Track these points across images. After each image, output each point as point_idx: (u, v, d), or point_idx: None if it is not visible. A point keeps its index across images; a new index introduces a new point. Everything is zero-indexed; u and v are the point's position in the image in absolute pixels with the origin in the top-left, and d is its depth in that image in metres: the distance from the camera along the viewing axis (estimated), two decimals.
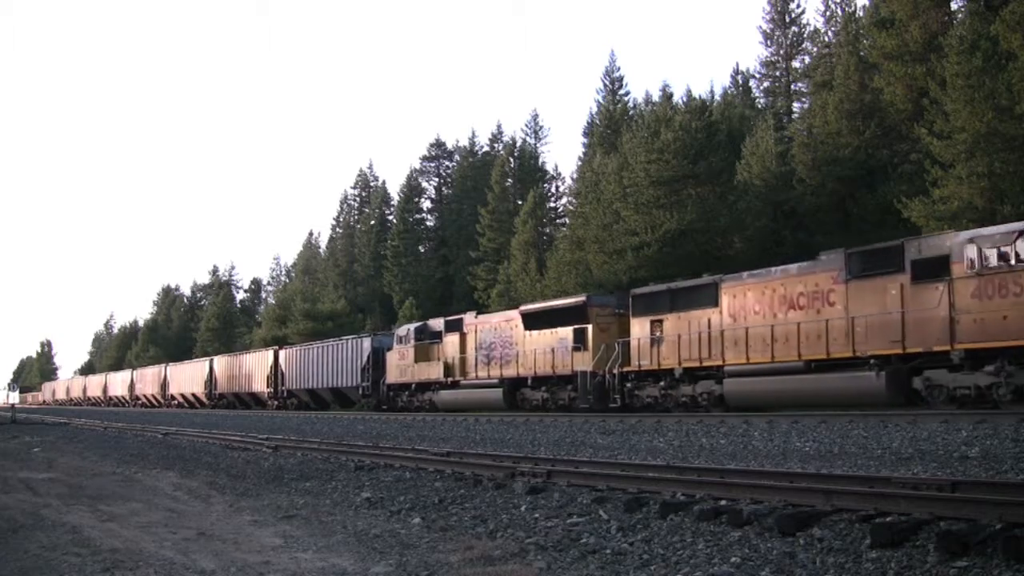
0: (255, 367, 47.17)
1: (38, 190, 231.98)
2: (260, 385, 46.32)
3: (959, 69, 25.29)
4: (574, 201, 46.92)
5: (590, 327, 24.10)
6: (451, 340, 29.76)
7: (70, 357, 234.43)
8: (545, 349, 25.41)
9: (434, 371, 30.25)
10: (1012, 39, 24.75)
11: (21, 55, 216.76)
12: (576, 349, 24.31)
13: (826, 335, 17.88)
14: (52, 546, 6.91)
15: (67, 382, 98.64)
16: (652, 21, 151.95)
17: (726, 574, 5.15)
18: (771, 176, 35.20)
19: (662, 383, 21.81)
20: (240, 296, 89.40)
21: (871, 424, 14.17)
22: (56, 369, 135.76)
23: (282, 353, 44.34)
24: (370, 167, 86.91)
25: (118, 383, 74.40)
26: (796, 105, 42.40)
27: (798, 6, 42.57)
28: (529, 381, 26.15)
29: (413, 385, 31.42)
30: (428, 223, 63.62)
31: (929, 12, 30.80)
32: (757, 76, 46.07)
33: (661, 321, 22.03)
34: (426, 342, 31.06)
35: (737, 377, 19.73)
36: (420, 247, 61.11)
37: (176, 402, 59.59)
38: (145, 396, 66.40)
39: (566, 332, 24.80)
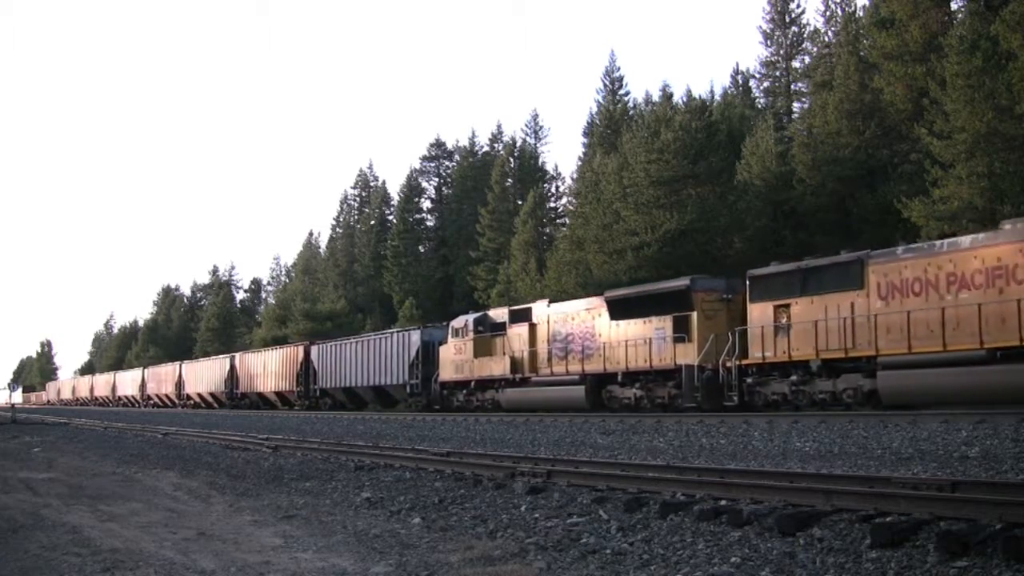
0: (282, 364, 43.67)
1: (38, 190, 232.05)
2: (288, 384, 43.03)
3: (959, 69, 25.29)
4: (574, 201, 46.91)
5: (694, 315, 21.17)
6: (518, 332, 26.69)
7: (70, 357, 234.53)
8: (637, 340, 22.48)
9: (498, 367, 27.08)
10: (1012, 39, 24.75)
11: (21, 55, 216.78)
12: (678, 340, 21.40)
13: (1019, 317, 15.01)
14: (52, 546, 6.91)
15: (72, 381, 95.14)
16: (652, 21, 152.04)
17: (726, 574, 5.15)
18: (771, 176, 35.20)
19: (793, 377, 18.83)
20: (240, 296, 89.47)
21: (871, 424, 14.17)
22: (56, 369, 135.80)
23: (314, 349, 41.00)
24: (370, 167, 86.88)
25: (128, 383, 71.24)
26: (796, 105, 42.40)
27: (798, 6, 42.58)
28: (619, 377, 23.01)
29: (472, 383, 28.26)
30: (428, 223, 63.61)
31: (929, 12, 30.80)
32: (757, 76, 46.09)
33: (787, 306, 19.17)
34: (487, 334, 27.96)
35: (896, 369, 16.89)
36: (420, 247, 61.10)
37: (192, 402, 56.62)
38: (158, 396, 63.29)
39: (664, 321, 21.85)
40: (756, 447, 12.72)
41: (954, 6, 32.12)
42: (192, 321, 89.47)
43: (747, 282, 20.42)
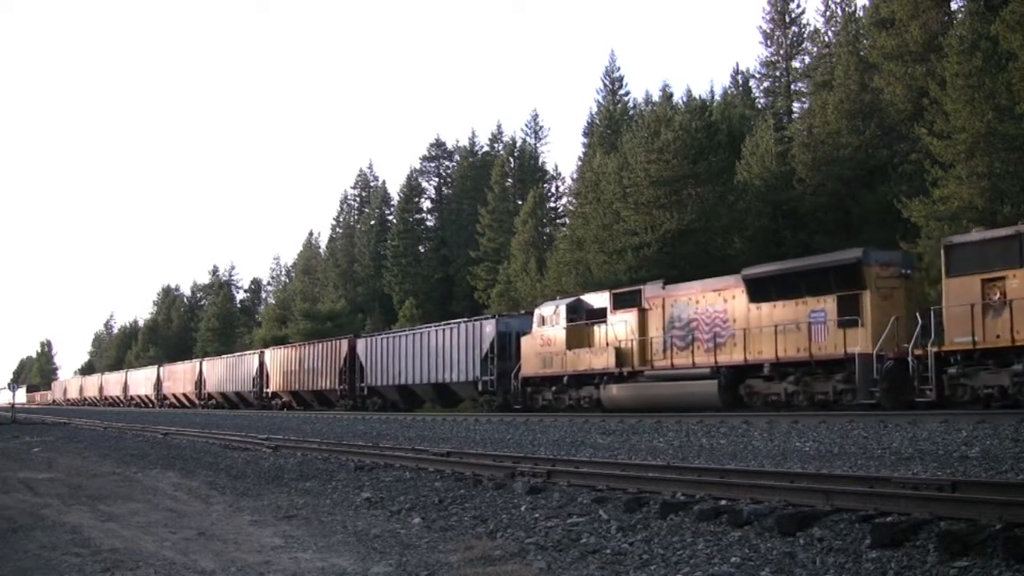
0: (322, 361, 39.73)
1: (38, 190, 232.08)
2: (328, 382, 39.23)
3: (959, 69, 25.28)
4: (574, 201, 46.90)
5: (867, 293, 17.75)
6: (624, 319, 23.19)
7: (70, 357, 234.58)
8: (788, 325, 19.00)
9: (599, 359, 23.49)
10: (1012, 39, 24.75)
11: (21, 55, 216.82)
12: (846, 324, 17.91)
13: None
14: (52, 546, 6.91)
15: (80, 380, 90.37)
16: (652, 21, 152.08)
17: (726, 574, 5.15)
18: (771, 176, 35.21)
19: (1017, 367, 15.12)
20: (240, 296, 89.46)
21: (871, 424, 14.17)
22: (56, 369, 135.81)
23: (360, 343, 37.24)
24: (370, 167, 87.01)
25: (141, 381, 67.30)
26: (796, 105, 42.38)
27: (798, 6, 42.54)
28: (766, 369, 19.39)
29: (565, 378, 24.57)
30: (428, 223, 63.60)
31: (929, 12, 30.80)
32: (757, 76, 46.07)
33: (1001, 279, 15.63)
34: (583, 322, 24.58)
35: None
36: (420, 247, 61.09)
37: (214, 403, 53.08)
38: (175, 396, 59.52)
39: (823, 301, 18.46)
40: (756, 447, 12.72)
41: (954, 6, 32.15)
42: (192, 321, 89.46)
43: (943, 252, 16.84)
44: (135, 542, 7.01)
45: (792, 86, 42.84)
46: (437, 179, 64.54)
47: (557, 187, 54.32)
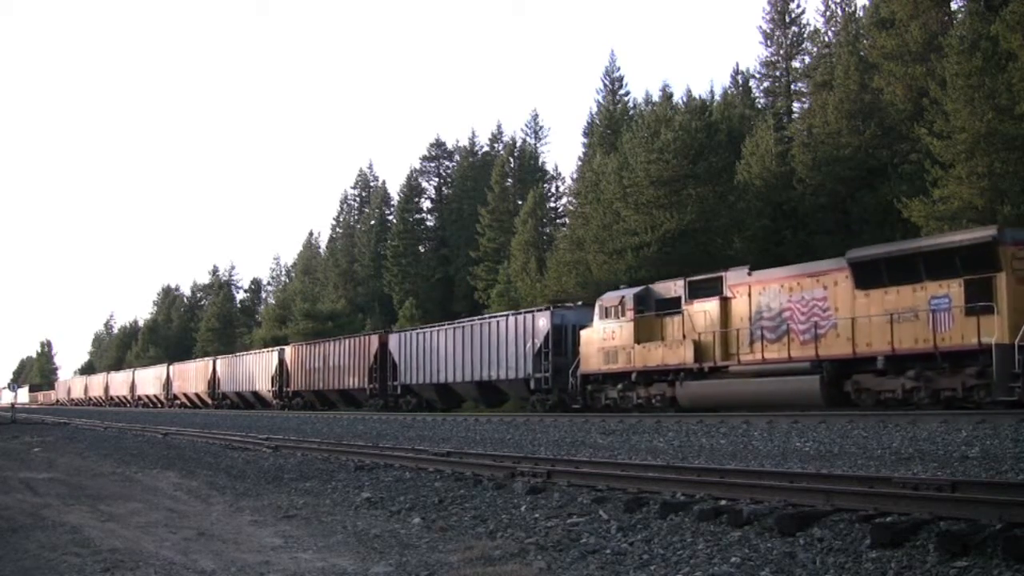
0: (349, 358, 37.65)
1: (38, 190, 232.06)
2: (355, 380, 37.22)
3: (959, 69, 25.29)
4: (574, 201, 46.89)
5: (1001, 276, 15.84)
6: (702, 309, 21.17)
7: (70, 357, 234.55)
8: (904, 314, 17.05)
9: (674, 354, 21.47)
10: (1012, 39, 24.76)
11: (21, 55, 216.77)
12: (976, 311, 15.88)
13: None
14: (52, 546, 6.91)
15: (84, 379, 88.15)
16: (652, 21, 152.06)
17: (726, 574, 5.15)
18: (771, 176, 35.21)
19: None
20: (240, 296, 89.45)
21: (871, 424, 14.17)
22: (56, 369, 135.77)
23: (393, 339, 34.99)
24: (370, 167, 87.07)
25: (150, 381, 65.21)
26: (796, 105, 42.36)
27: (798, 6, 42.49)
28: (879, 362, 17.24)
29: (633, 374, 22.44)
30: (428, 223, 63.59)
31: (929, 12, 30.82)
32: (757, 76, 46.02)
33: None
34: (652, 314, 22.52)
35: None
36: (420, 247, 61.08)
37: (229, 403, 50.79)
38: (186, 396, 57.43)
39: (947, 286, 16.54)
40: (756, 447, 12.72)
41: (954, 6, 32.17)
42: (192, 321, 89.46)
43: None
44: (135, 542, 7.01)
45: (792, 86, 42.83)
46: (437, 179, 64.55)
47: (557, 187, 54.36)
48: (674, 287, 22.38)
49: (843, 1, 39.20)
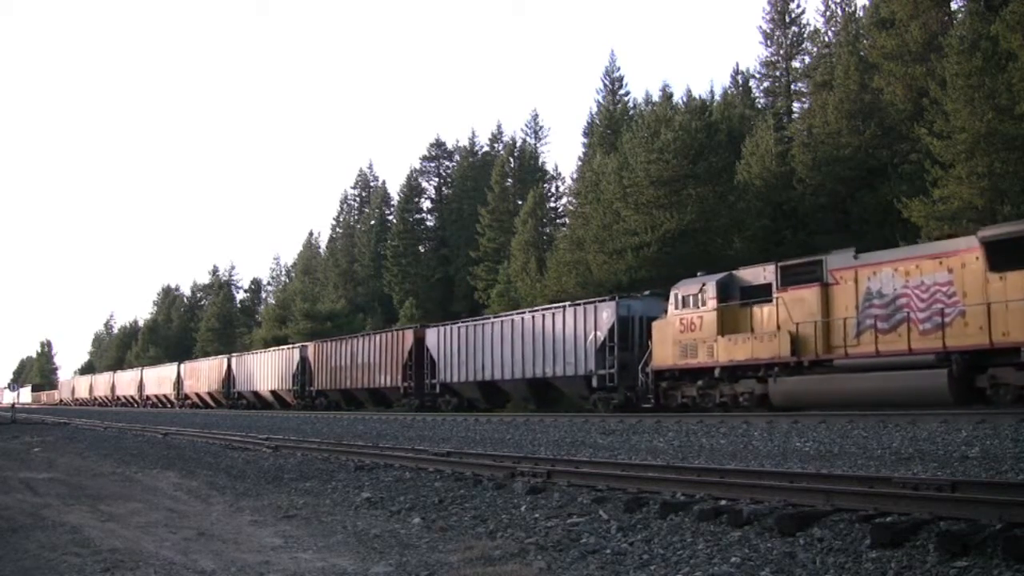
0: (380, 355, 35.16)
1: (38, 190, 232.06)
2: (387, 378, 34.64)
3: (959, 69, 25.29)
4: (574, 201, 46.89)
5: None
6: (799, 296, 19.02)
7: (70, 357, 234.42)
8: None
9: (765, 347, 19.35)
10: (1012, 39, 24.76)
11: (21, 55, 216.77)
12: None
13: None
14: (52, 546, 6.91)
15: (89, 379, 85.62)
16: (652, 21, 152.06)
17: (726, 574, 5.15)
18: (771, 176, 35.21)
19: None
20: (240, 296, 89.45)
21: (871, 424, 14.17)
22: (56, 369, 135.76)
23: (431, 334, 32.46)
24: (370, 167, 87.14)
25: (159, 380, 62.74)
26: (796, 105, 42.37)
27: (798, 6, 42.51)
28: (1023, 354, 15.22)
29: (716, 370, 20.34)
30: (428, 223, 63.59)
31: (929, 12, 30.82)
32: (757, 76, 46.04)
33: None
34: (737, 302, 20.46)
35: None
36: (420, 247, 61.09)
37: (244, 403, 48.29)
38: (198, 395, 55.17)
39: None
40: (756, 447, 12.72)
41: (954, 6, 32.16)
42: (192, 321, 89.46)
43: None
44: (135, 542, 7.01)
45: (792, 86, 42.84)
46: (437, 179, 64.55)
47: (557, 187, 54.34)
48: (763, 273, 20.21)
49: (843, 1, 39.24)
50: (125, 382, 71.02)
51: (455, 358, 30.70)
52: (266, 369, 46.01)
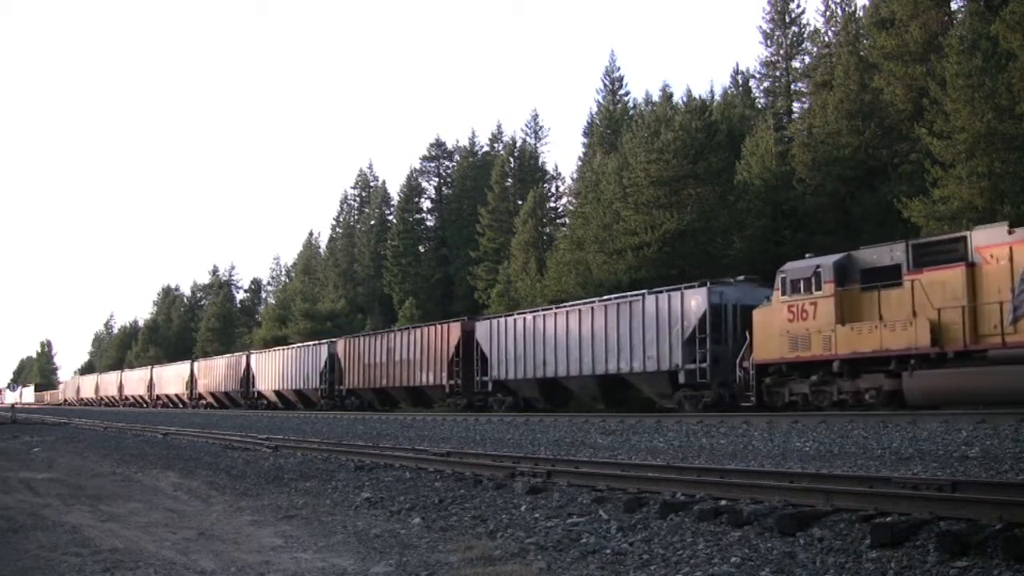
0: (422, 351, 32.42)
1: (38, 190, 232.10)
2: (430, 376, 31.98)
3: (959, 69, 25.30)
4: (574, 201, 46.93)
5: None
6: (937, 279, 16.66)
7: (70, 357, 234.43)
8: None
9: (898, 336, 16.93)
10: (1012, 39, 24.78)
11: (21, 55, 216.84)
12: None
13: None
14: (52, 546, 6.91)
15: (95, 378, 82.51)
16: (652, 21, 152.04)
17: (726, 574, 5.15)
18: (771, 176, 35.22)
19: None
20: (240, 296, 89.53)
21: (871, 424, 14.18)
22: (56, 369, 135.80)
23: (482, 327, 29.81)
24: (370, 167, 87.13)
25: (170, 379, 59.82)
26: (796, 105, 42.38)
27: (798, 6, 42.54)
28: None
29: (835, 364, 17.86)
30: (428, 223, 63.62)
31: (929, 12, 30.82)
32: (757, 76, 46.05)
33: None
34: (858, 286, 18.04)
35: None
36: (420, 247, 61.12)
37: (265, 402, 45.79)
38: (213, 395, 52.49)
39: None
40: (756, 447, 12.72)
41: (954, 6, 32.19)
42: (192, 321, 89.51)
43: None
44: (135, 542, 7.01)
45: (792, 86, 42.85)
46: (437, 179, 64.58)
47: (557, 187, 54.40)
48: (889, 253, 17.81)
49: (843, 1, 39.22)
50: (134, 381, 68.16)
51: (511, 353, 27.97)
52: (289, 367, 43.19)
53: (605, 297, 25.85)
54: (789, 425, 15.14)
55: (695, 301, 21.86)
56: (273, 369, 44.93)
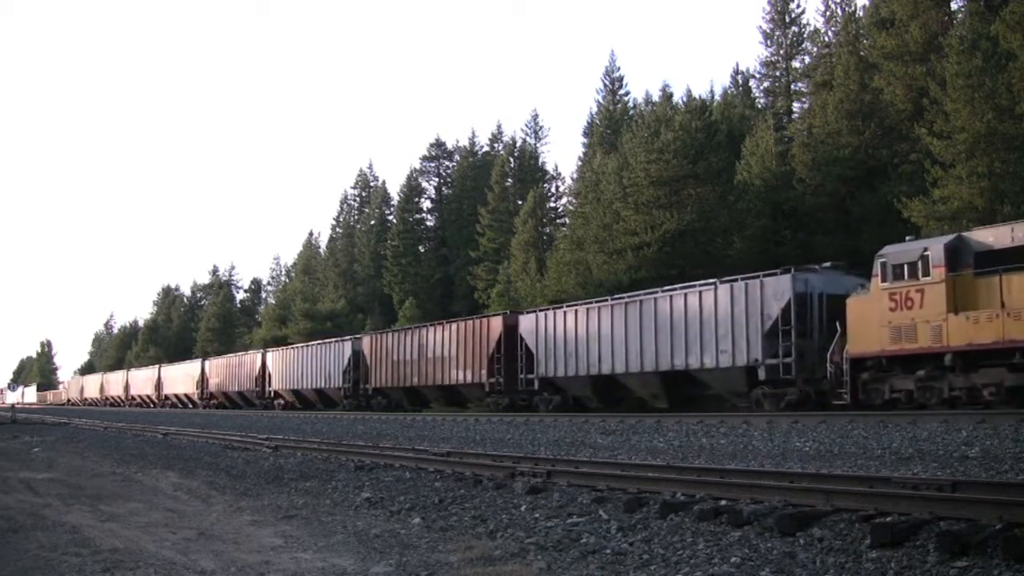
0: (460, 348, 30.31)
1: (38, 190, 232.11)
2: (467, 373, 29.94)
3: (959, 69, 25.31)
4: (574, 201, 46.96)
5: None
6: None
7: (70, 357, 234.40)
8: None
9: None
10: (1012, 39, 24.79)
11: (21, 55, 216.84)
12: None
13: None
14: (52, 546, 6.91)
15: (101, 377, 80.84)
16: (652, 21, 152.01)
17: (726, 574, 5.15)
18: (771, 176, 35.23)
19: None
20: (240, 296, 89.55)
21: (871, 424, 14.18)
22: (56, 369, 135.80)
23: (527, 321, 27.80)
24: (370, 167, 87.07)
25: (179, 379, 58.05)
26: (796, 105, 42.39)
27: (798, 6, 42.55)
28: None
29: (947, 356, 16.13)
30: (428, 223, 63.67)
31: (929, 12, 30.83)
32: (757, 76, 46.07)
33: None
34: (972, 271, 16.24)
35: None
36: (420, 247, 61.16)
37: (282, 402, 43.53)
38: (225, 395, 50.67)
39: None
40: (756, 447, 12.72)
41: (954, 6, 32.21)
42: (192, 321, 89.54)
43: None
44: (135, 542, 7.02)
45: (792, 86, 42.85)
46: (437, 179, 64.61)
47: (557, 187, 54.45)
48: (1011, 233, 16.06)
49: (843, 1, 39.23)
50: (141, 381, 66.40)
51: (560, 349, 25.96)
52: (309, 365, 40.98)
53: (671, 287, 23.77)
54: (789, 425, 15.14)
55: (778, 289, 19.96)
56: (291, 367, 42.96)
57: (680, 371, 22.37)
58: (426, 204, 64.29)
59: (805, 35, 42.35)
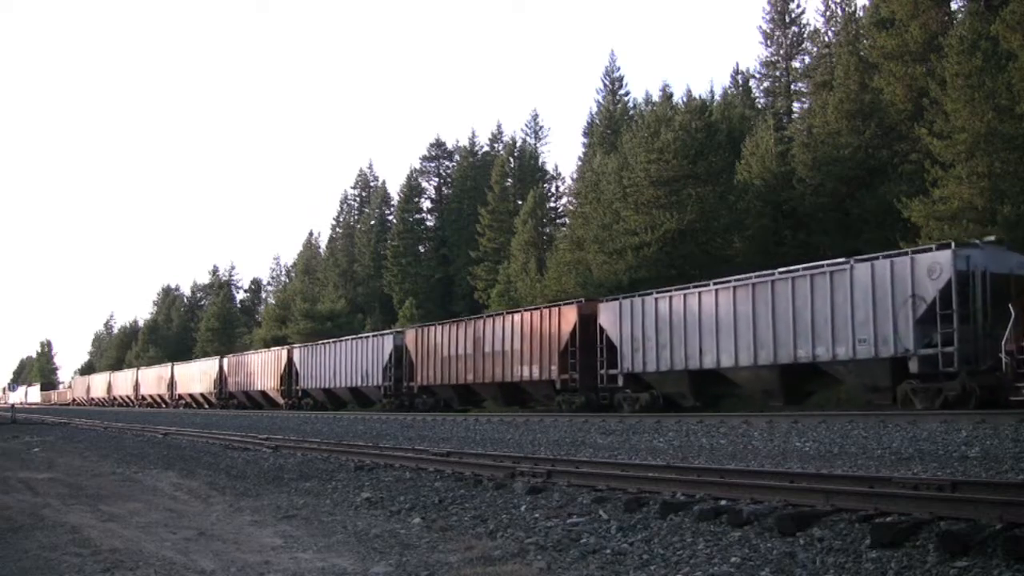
0: (521, 341, 27.21)
1: (38, 190, 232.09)
2: (533, 370, 26.66)
3: (959, 69, 25.31)
4: (574, 201, 46.97)
5: None
6: None
7: (70, 357, 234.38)
8: None
9: None
10: (1012, 39, 24.79)
11: (21, 55, 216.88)
12: None
13: None
14: (52, 546, 6.91)
15: (108, 376, 77.83)
16: (652, 21, 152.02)
17: (726, 574, 5.15)
18: (771, 176, 35.24)
19: None
20: (240, 296, 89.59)
21: (871, 424, 14.18)
22: (56, 369, 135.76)
23: (609, 309, 24.52)
24: (370, 167, 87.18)
25: (193, 378, 55.32)
26: (796, 105, 42.43)
27: (798, 6, 42.60)
28: None
29: None
30: (428, 223, 63.67)
31: (929, 12, 30.84)
32: (757, 76, 46.12)
33: None
34: None
35: None
36: (420, 247, 61.17)
37: (309, 402, 40.70)
38: (246, 394, 47.84)
39: None
40: (756, 447, 12.73)
41: (954, 6, 32.22)
42: (192, 321, 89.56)
43: None
44: (135, 542, 7.02)
45: (792, 86, 42.88)
46: (437, 179, 64.62)
47: (557, 187, 54.47)
48: None
49: (843, 1, 39.27)
50: (151, 380, 63.60)
51: (652, 340, 22.91)
52: (343, 362, 38.01)
53: (790, 268, 20.33)
54: (789, 425, 15.15)
55: (934, 267, 16.99)
56: (322, 365, 39.68)
57: (805, 364, 19.25)
58: (426, 204, 64.37)
59: (805, 35, 42.42)
